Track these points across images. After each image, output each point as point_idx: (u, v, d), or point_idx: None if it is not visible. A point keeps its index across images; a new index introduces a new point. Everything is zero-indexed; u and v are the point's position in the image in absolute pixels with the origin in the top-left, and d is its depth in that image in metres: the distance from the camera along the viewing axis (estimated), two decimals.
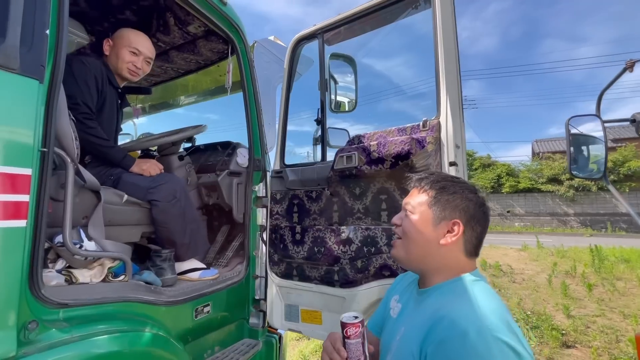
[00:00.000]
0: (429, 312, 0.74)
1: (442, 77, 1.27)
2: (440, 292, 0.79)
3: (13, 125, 0.77)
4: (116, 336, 0.96)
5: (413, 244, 0.83)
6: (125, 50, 1.50)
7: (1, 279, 0.74)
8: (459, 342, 0.65)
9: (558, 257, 8.14)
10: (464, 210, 0.81)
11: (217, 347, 1.53)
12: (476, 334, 0.64)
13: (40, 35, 0.85)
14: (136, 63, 1.52)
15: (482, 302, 0.71)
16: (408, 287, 0.94)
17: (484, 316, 0.67)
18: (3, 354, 0.73)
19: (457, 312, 0.69)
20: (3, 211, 0.74)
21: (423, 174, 0.90)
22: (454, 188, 0.83)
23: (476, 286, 0.76)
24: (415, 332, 0.73)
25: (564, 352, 3.16)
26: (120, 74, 1.52)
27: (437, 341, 0.67)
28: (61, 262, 1.06)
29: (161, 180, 1.39)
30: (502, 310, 0.71)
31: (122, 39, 1.52)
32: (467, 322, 0.66)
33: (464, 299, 0.73)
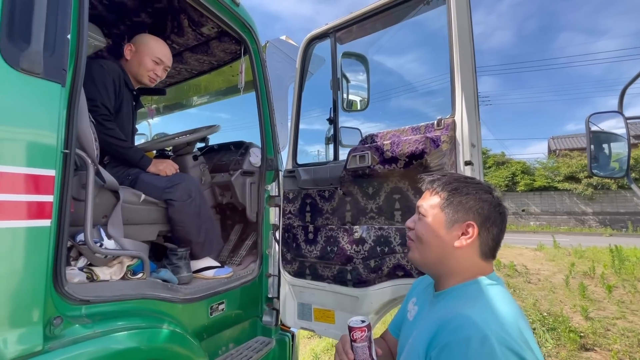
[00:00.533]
0: (438, 315, 0.73)
1: (457, 74, 1.25)
2: (453, 296, 0.78)
3: (38, 128, 0.80)
4: (136, 332, 0.98)
5: (427, 247, 0.82)
6: (148, 59, 1.56)
7: (28, 276, 0.77)
8: (461, 348, 0.63)
9: (576, 257, 7.91)
10: (478, 212, 0.79)
11: (231, 344, 1.56)
12: (480, 340, 0.61)
13: (61, 40, 0.87)
14: (157, 71, 1.58)
15: (494, 306, 0.69)
16: (425, 290, 0.93)
17: (492, 322, 0.64)
18: (30, 349, 0.76)
19: (464, 316, 0.67)
20: (29, 211, 0.77)
21: (435, 175, 0.89)
22: (467, 189, 0.81)
23: (490, 290, 0.74)
24: (424, 335, 0.72)
25: (582, 355, 3.08)
26: (140, 80, 1.58)
27: (441, 345, 0.65)
28: (83, 260, 1.09)
29: (177, 180, 1.42)
30: (515, 315, 0.68)
31: (146, 47, 1.57)
32: (472, 328, 0.64)
33: (474, 303, 0.71)
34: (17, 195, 0.75)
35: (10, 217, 0.73)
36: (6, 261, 0.73)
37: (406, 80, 51.30)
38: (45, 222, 0.81)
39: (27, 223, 0.77)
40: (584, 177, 16.61)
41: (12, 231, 0.74)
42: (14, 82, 0.76)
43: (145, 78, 1.57)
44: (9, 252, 0.74)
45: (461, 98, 1.24)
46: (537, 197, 18.31)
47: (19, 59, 0.77)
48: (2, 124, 0.73)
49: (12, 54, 0.76)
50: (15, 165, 0.74)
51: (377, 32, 1.69)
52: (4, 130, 0.73)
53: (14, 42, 0.77)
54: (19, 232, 0.75)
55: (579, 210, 17.21)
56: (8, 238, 0.73)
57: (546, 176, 18.13)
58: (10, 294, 0.74)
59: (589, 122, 1.41)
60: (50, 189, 0.82)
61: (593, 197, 16.65)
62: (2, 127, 0.73)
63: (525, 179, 18.46)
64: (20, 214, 0.75)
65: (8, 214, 0.73)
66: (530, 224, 17.99)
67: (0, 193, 0.72)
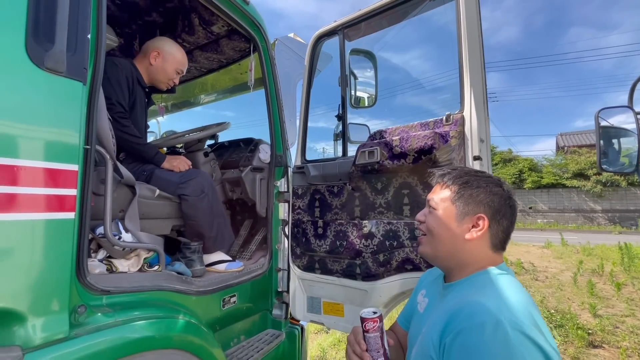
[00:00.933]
0: (451, 305, 0.75)
1: (466, 70, 1.26)
2: (464, 286, 0.80)
3: (62, 124, 0.83)
4: (154, 322, 1.02)
5: (438, 240, 0.83)
6: (172, 69, 1.64)
7: (54, 267, 0.81)
8: (475, 333, 0.64)
9: (584, 254, 7.84)
10: (489, 205, 0.80)
11: (242, 336, 1.60)
12: (494, 325, 0.63)
13: (82, 40, 0.91)
14: (176, 80, 1.67)
15: (505, 294, 0.70)
16: (434, 282, 0.95)
17: (505, 308, 0.66)
18: (57, 335, 0.80)
19: (477, 303, 0.69)
20: (55, 204, 0.80)
21: (446, 169, 0.90)
22: (477, 182, 0.82)
23: (501, 279, 0.76)
24: (436, 324, 0.74)
25: (590, 352, 3.07)
26: (157, 85, 1.65)
27: (455, 332, 0.67)
28: (102, 252, 1.13)
29: (190, 175, 1.45)
30: (526, 302, 0.70)
31: (172, 57, 1.63)
32: (486, 314, 0.65)
33: (485, 291, 0.73)
34: (45, 189, 0.79)
35: (38, 210, 0.77)
36: (35, 251, 0.77)
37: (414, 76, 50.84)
38: (70, 214, 0.84)
39: (54, 215, 0.80)
40: (592, 174, 16.39)
41: (41, 223, 0.78)
42: (40, 81, 0.80)
43: (164, 85, 1.65)
44: (37, 243, 0.77)
45: (470, 93, 1.25)
46: (545, 195, 18.12)
47: (44, 59, 0.80)
48: (30, 121, 0.77)
49: (37, 54, 0.79)
50: (43, 160, 0.78)
51: (385, 29, 1.69)
52: (32, 127, 0.77)
53: (39, 42, 0.80)
54: (46, 224, 0.79)
55: (587, 207, 17.00)
56: (37, 229, 0.77)
57: (554, 173, 17.93)
58: (39, 282, 0.77)
59: (598, 117, 1.41)
60: (74, 183, 0.85)
61: (602, 194, 16.43)
62: (31, 123, 0.77)
63: (533, 176, 18.29)
64: (47, 206, 0.79)
65: (36, 206, 0.77)
66: (538, 221, 17.82)
67: (29, 187, 0.75)
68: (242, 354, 1.45)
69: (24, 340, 0.74)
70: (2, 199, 0.71)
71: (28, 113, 0.77)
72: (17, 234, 0.74)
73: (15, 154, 0.73)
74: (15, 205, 0.73)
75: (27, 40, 0.78)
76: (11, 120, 0.74)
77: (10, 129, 0.73)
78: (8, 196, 0.72)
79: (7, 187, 0.72)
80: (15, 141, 0.74)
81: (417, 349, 0.80)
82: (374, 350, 0.85)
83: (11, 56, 0.75)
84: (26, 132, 0.76)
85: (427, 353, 0.73)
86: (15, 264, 0.74)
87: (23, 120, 0.76)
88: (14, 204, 0.73)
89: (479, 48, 1.30)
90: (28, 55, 0.78)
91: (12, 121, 0.74)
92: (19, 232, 0.74)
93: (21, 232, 0.75)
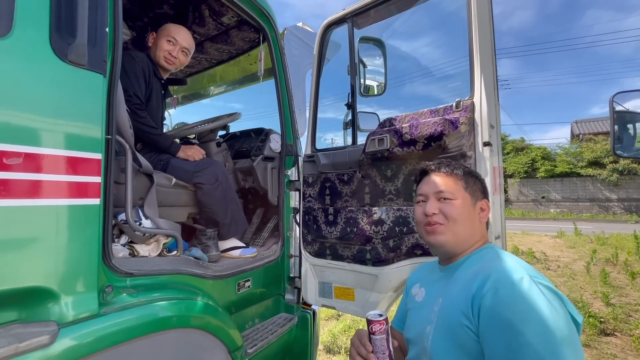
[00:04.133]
0: (468, 276, 0.80)
1: (476, 55, 1.26)
2: (473, 260, 0.87)
3: (86, 115, 0.88)
4: (175, 302, 1.07)
5: (461, 226, 0.89)
6: (163, 40, 1.61)
7: (84, 249, 0.86)
8: (515, 287, 0.70)
9: (598, 244, 7.71)
10: (484, 191, 0.95)
11: (257, 319, 1.66)
12: (528, 280, 0.71)
13: (102, 33, 0.94)
14: (172, 52, 1.61)
15: (516, 260, 0.80)
16: (428, 273, 1.01)
17: (526, 269, 0.75)
18: (89, 312, 0.85)
19: (503, 267, 0.76)
20: (83, 190, 0.85)
21: (435, 161, 1.00)
22: (472, 172, 0.97)
23: (500, 250, 0.87)
24: (459, 295, 0.78)
25: (601, 340, 3.06)
26: (158, 62, 1.62)
27: (493, 291, 0.71)
28: (124, 237, 1.19)
29: (204, 164, 1.50)
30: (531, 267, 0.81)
31: (162, 31, 1.63)
32: (517, 272, 0.73)
33: (501, 259, 0.81)
34: (73, 177, 0.83)
35: (68, 196, 0.82)
36: (67, 235, 0.82)
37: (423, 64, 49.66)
38: (95, 201, 0.89)
39: (81, 201, 0.85)
40: (608, 162, 15.94)
41: (70, 208, 0.83)
42: (64, 74, 0.83)
43: (162, 59, 1.60)
44: (68, 227, 0.83)
45: (480, 79, 1.25)
46: (558, 184, 17.74)
47: (67, 52, 0.84)
48: (58, 112, 0.81)
49: (60, 47, 0.83)
50: (71, 150, 0.83)
51: (394, 16, 1.68)
52: (60, 118, 0.81)
53: (62, 35, 0.83)
54: (75, 210, 0.84)
55: (602, 196, 16.60)
56: (67, 214, 0.82)
57: (568, 162, 17.49)
58: (71, 263, 0.83)
59: (613, 101, 1.39)
60: (99, 171, 0.90)
61: (618, 183, 16.00)
62: (58, 114, 0.81)
63: (546, 165, 17.88)
64: (76, 193, 0.84)
65: (66, 192, 0.82)
66: (551, 211, 17.51)
67: (60, 174, 0.80)
68: (256, 336, 1.51)
69: (58, 317, 0.80)
70: (34, 186, 0.76)
71: (55, 104, 0.81)
72: (49, 218, 0.79)
73: (46, 143, 0.78)
74: (47, 192, 0.78)
75: (51, 35, 0.81)
76: (41, 111, 0.78)
77: (41, 120, 0.78)
78: (41, 183, 0.77)
79: (40, 174, 0.77)
80: (47, 132, 0.79)
81: (438, 326, 0.82)
82: (379, 352, 0.86)
83: (37, 50, 0.79)
84: (55, 122, 0.80)
85: (456, 323, 0.76)
86: (49, 246, 0.79)
87: (52, 112, 0.80)
88: (46, 191, 0.78)
89: (489, 33, 1.29)
90: (52, 48, 0.82)
91: (42, 113, 0.78)
92: (51, 217, 0.79)
93: (53, 216, 0.80)
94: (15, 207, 0.73)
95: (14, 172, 0.73)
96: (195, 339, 1.11)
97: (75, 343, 0.80)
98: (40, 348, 0.74)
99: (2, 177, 0.71)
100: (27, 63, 0.77)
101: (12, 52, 0.75)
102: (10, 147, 0.73)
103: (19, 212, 0.74)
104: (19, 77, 0.75)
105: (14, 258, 0.74)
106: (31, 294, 0.78)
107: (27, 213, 0.75)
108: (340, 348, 2.95)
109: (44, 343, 0.74)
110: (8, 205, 0.72)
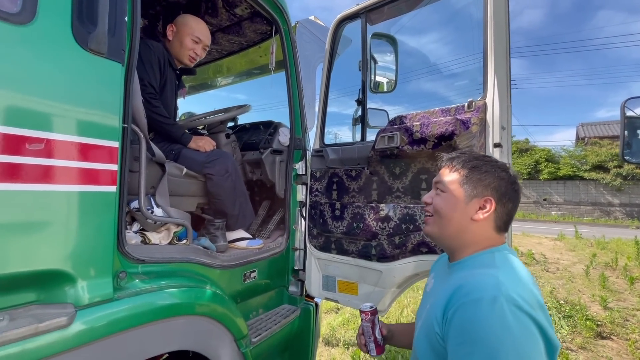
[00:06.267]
0: (454, 281, 0.79)
1: (490, 55, 1.25)
2: (468, 264, 0.84)
3: (105, 103, 0.89)
4: (185, 290, 1.10)
5: (445, 220, 0.87)
6: (188, 39, 1.61)
7: (100, 235, 0.88)
8: (472, 308, 0.68)
9: (598, 248, 7.72)
10: (496, 189, 0.84)
11: (260, 309, 1.69)
12: (490, 301, 0.66)
13: (121, 22, 0.95)
14: (197, 50, 1.64)
15: (506, 271, 0.74)
16: (442, 264, 1.00)
17: (504, 285, 0.68)
18: (103, 296, 0.88)
19: (477, 280, 0.73)
20: (101, 178, 0.87)
21: (454, 153, 0.94)
22: (485, 167, 0.86)
23: (503, 257, 0.80)
24: (440, 300, 0.78)
25: (598, 343, 3.10)
26: (181, 59, 1.64)
27: (456, 306, 0.70)
28: (136, 225, 1.21)
29: (215, 156, 1.51)
30: (527, 280, 0.73)
31: (185, 27, 1.62)
32: (483, 290, 0.69)
33: (487, 269, 0.76)
34: (92, 164, 0.85)
35: (87, 183, 0.84)
36: (84, 220, 0.84)
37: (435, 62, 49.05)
38: (112, 187, 0.91)
39: (99, 188, 0.87)
40: (613, 166, 15.85)
41: (89, 195, 0.85)
42: (85, 61, 0.84)
43: (186, 58, 1.63)
44: (87, 213, 0.85)
45: (494, 80, 1.25)
46: (561, 186, 17.70)
47: (88, 40, 0.84)
48: (79, 100, 0.82)
49: (82, 35, 0.83)
50: (91, 137, 0.84)
51: (408, 13, 1.68)
52: (81, 105, 0.83)
53: (83, 24, 0.84)
54: (93, 196, 0.86)
55: (605, 201, 16.56)
56: (86, 201, 0.84)
57: (572, 165, 17.42)
58: (87, 248, 0.85)
59: (624, 107, 1.39)
60: (115, 159, 0.91)
61: (622, 187, 15.94)
62: (79, 102, 0.82)
63: (549, 167, 17.81)
64: (95, 180, 0.85)
65: (85, 179, 0.83)
66: (552, 213, 17.49)
67: (80, 161, 0.82)
68: (261, 326, 1.54)
69: (75, 299, 0.83)
70: (55, 173, 0.78)
71: (77, 92, 0.82)
72: (68, 204, 0.81)
73: (67, 130, 0.80)
74: (67, 179, 0.80)
75: (73, 23, 0.82)
76: (64, 99, 0.79)
77: (64, 108, 0.79)
78: (62, 170, 0.79)
79: (61, 160, 0.79)
80: (68, 119, 0.80)
81: (422, 324, 0.86)
82: (367, 336, 1.08)
83: (60, 38, 0.80)
84: (76, 110, 0.82)
85: (431, 328, 0.77)
86: (68, 230, 0.81)
87: (74, 99, 0.81)
88: (67, 177, 0.80)
89: (505, 33, 1.28)
90: (74, 37, 0.83)
91: (64, 100, 0.80)
92: (70, 203, 0.81)
93: (72, 202, 0.82)
94: (35, 192, 0.75)
95: (33, 157, 0.74)
96: (203, 326, 1.13)
97: (92, 325, 0.83)
98: (58, 329, 0.76)
99: (19, 162, 0.72)
100: (49, 50, 0.78)
101: (36, 39, 0.76)
102: (31, 133, 0.74)
103: (38, 197, 0.76)
104: (42, 64, 0.77)
105: (34, 241, 0.76)
106: (50, 276, 0.80)
107: (48, 198, 0.77)
108: (338, 341, 2.99)
109: (62, 324, 0.76)
110: (29, 189, 0.74)
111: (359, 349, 2.08)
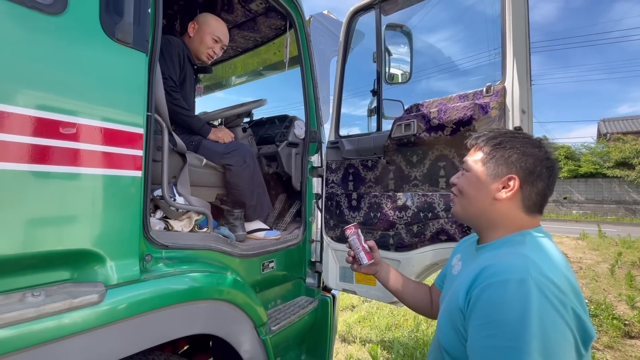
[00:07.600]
0: (481, 262, 0.76)
1: (509, 37, 1.23)
2: (498, 245, 0.80)
3: (132, 92, 0.92)
4: (207, 275, 1.12)
5: (467, 200, 0.86)
6: (209, 37, 1.66)
7: (128, 217, 0.91)
8: (499, 289, 0.66)
9: (623, 247, 7.41)
10: (521, 166, 0.78)
11: (279, 300, 1.70)
12: (517, 283, 0.64)
13: (145, 14, 0.98)
14: (215, 49, 1.69)
15: (538, 254, 0.71)
16: (469, 246, 0.97)
17: (533, 267, 0.65)
18: (132, 277, 0.91)
19: (504, 261, 0.70)
20: (129, 162, 0.90)
21: (482, 131, 0.91)
22: (511, 143, 0.81)
23: (535, 240, 0.76)
24: (465, 281, 0.76)
25: (625, 342, 2.97)
26: (199, 56, 1.69)
27: (482, 286, 0.68)
28: (159, 212, 1.24)
29: (234, 147, 1.54)
30: (561, 264, 0.69)
31: (207, 25, 1.67)
32: (512, 272, 0.66)
33: (517, 250, 0.73)
34: (122, 149, 0.89)
35: (118, 167, 0.87)
36: (115, 203, 0.88)
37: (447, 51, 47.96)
38: (138, 173, 0.94)
39: (128, 172, 0.90)
40: (638, 163, 15.21)
41: (119, 179, 0.88)
42: (112, 51, 0.88)
43: (204, 55, 1.68)
44: (117, 196, 0.88)
45: (512, 63, 1.23)
46: (582, 184, 17.09)
47: (115, 30, 0.88)
48: (107, 88, 0.86)
49: (109, 26, 0.87)
50: (120, 124, 0.88)
51: (423, 2, 1.67)
52: (111, 93, 0.86)
53: (110, 14, 0.88)
54: (123, 180, 0.89)
55: (630, 199, 15.89)
56: (116, 184, 0.88)
57: (594, 162, 16.80)
58: (117, 229, 0.88)
59: None
60: (141, 145, 0.95)
61: None
62: (107, 90, 0.86)
63: (569, 165, 17.22)
64: (124, 164, 0.89)
65: (117, 163, 0.87)
66: (573, 212, 16.91)
67: (111, 146, 0.85)
68: (279, 315, 1.55)
69: (105, 278, 0.86)
70: (87, 156, 0.81)
71: (105, 80, 0.86)
72: (101, 187, 0.85)
73: (99, 117, 0.83)
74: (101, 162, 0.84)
75: (101, 13, 0.86)
76: (94, 86, 0.83)
77: (95, 95, 0.83)
78: (94, 154, 0.82)
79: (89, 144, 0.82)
80: (99, 106, 0.84)
81: (446, 305, 0.84)
82: (355, 249, 1.13)
83: (89, 28, 0.84)
84: (106, 97, 0.85)
85: (455, 307, 0.76)
86: (99, 212, 0.85)
87: (103, 87, 0.85)
88: (100, 161, 0.83)
89: (524, 13, 1.26)
90: (102, 27, 0.86)
91: (95, 88, 0.83)
92: (102, 186, 0.85)
93: (104, 185, 0.85)
94: (69, 174, 0.79)
95: (66, 140, 0.78)
96: (225, 311, 1.15)
97: (121, 304, 0.86)
98: (90, 305, 0.79)
99: (54, 145, 0.76)
100: (80, 39, 0.82)
101: (67, 29, 0.80)
102: (64, 118, 0.78)
103: (72, 179, 0.79)
104: (73, 53, 0.80)
105: (69, 221, 0.80)
106: (82, 256, 0.84)
107: (80, 180, 0.81)
108: (355, 337, 2.98)
109: (94, 301, 0.79)
110: (64, 172, 0.78)
111: (373, 346, 2.06)
